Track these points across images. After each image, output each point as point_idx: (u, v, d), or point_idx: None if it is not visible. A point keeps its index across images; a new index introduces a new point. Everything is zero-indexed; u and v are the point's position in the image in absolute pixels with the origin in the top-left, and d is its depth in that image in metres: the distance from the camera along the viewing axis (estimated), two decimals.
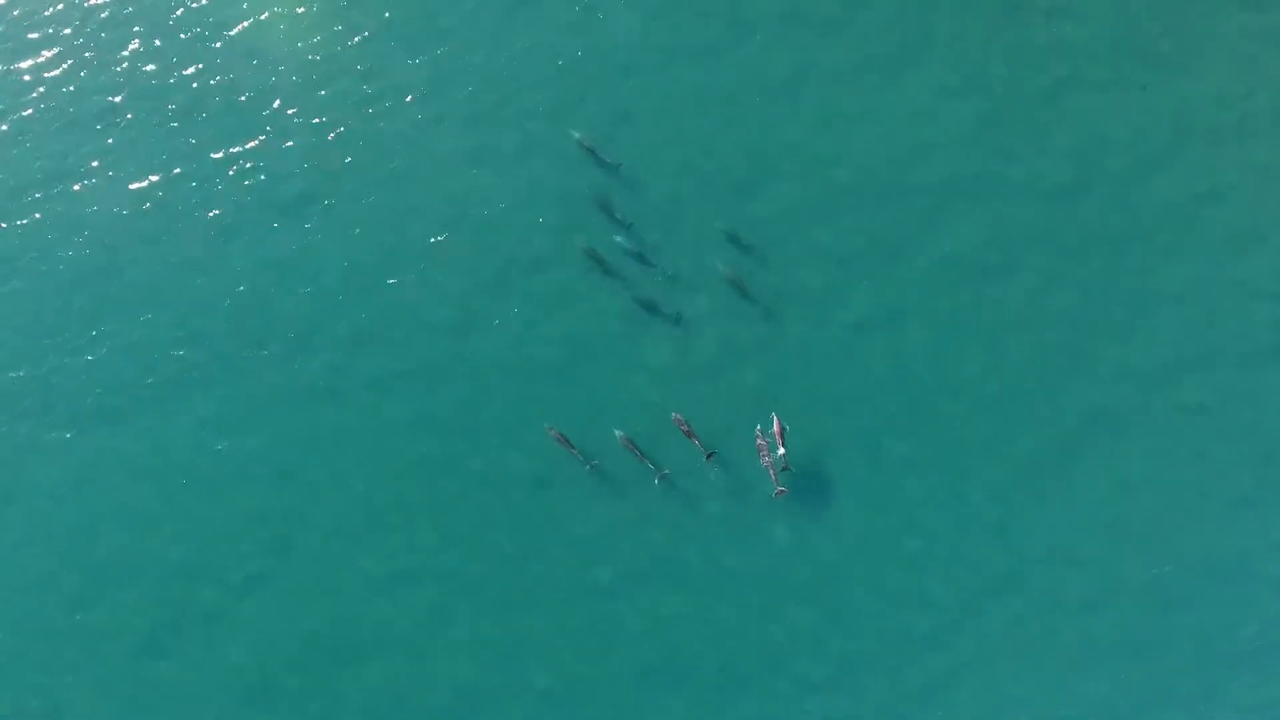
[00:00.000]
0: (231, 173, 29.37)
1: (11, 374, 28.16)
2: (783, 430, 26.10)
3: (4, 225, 29.33)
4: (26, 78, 30.62)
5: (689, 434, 26.17)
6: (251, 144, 29.67)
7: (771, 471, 25.86)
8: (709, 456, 26.17)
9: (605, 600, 25.77)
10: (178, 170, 29.55)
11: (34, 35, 31.03)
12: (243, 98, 30.06)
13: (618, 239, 27.95)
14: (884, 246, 27.73)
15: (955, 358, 26.84)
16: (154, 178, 29.58)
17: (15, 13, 31.31)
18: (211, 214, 29.09)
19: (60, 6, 31.22)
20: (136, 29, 30.91)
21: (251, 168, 29.42)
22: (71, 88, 30.44)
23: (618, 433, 26.45)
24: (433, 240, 28.33)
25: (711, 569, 25.81)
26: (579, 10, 30.30)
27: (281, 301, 28.16)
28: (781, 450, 25.95)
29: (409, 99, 29.77)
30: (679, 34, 29.89)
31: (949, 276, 27.37)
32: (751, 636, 25.38)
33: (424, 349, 27.59)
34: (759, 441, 26.02)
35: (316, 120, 29.68)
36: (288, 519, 26.64)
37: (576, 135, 28.86)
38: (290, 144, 29.60)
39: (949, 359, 26.83)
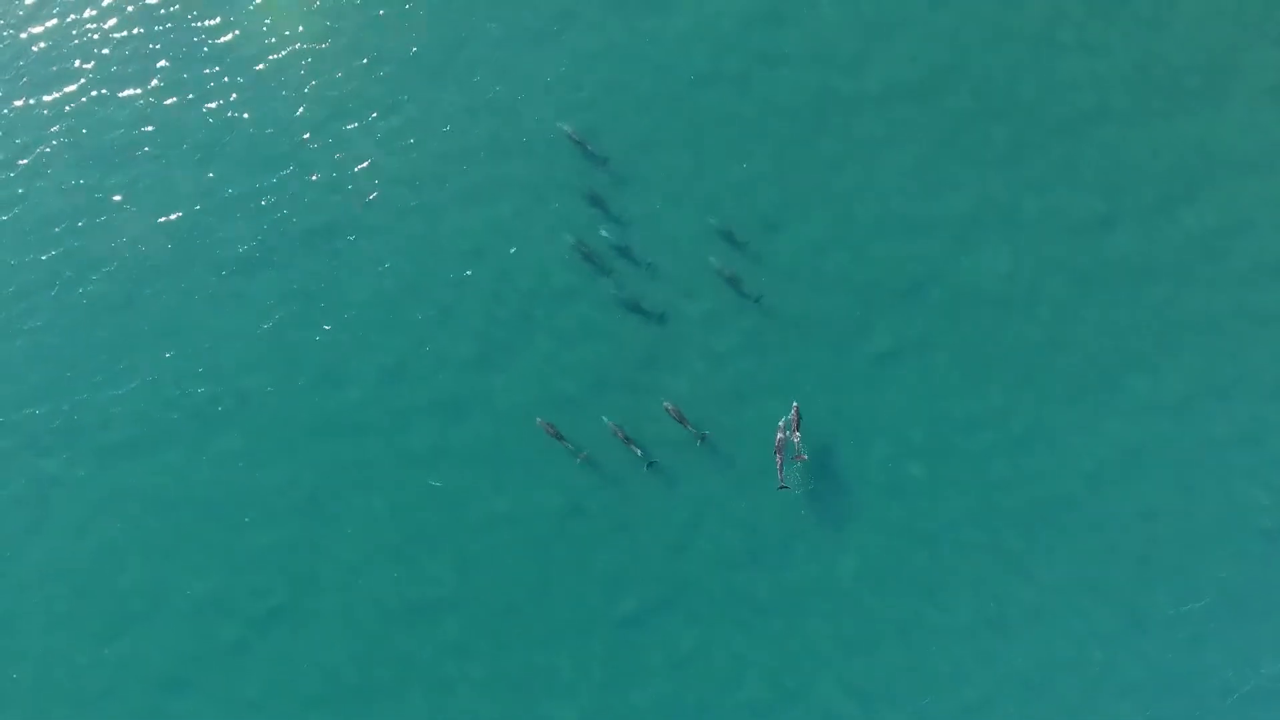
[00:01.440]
0: (254, 206, 29.53)
1: (35, 410, 28.26)
2: (800, 418, 26.25)
3: (27, 259, 29.48)
4: (47, 112, 30.82)
5: (680, 419, 26.44)
6: (274, 178, 29.82)
7: (780, 460, 25.96)
8: (701, 440, 26.40)
9: (628, 631, 25.73)
10: (199, 206, 29.72)
11: (56, 69, 31.28)
12: (267, 131, 30.26)
13: (603, 232, 28.24)
14: (904, 275, 27.85)
15: (975, 387, 26.83)
16: (176, 214, 29.72)
17: (39, 46, 31.59)
18: (236, 249, 29.26)
19: (82, 40, 31.46)
20: (160, 64, 31.12)
21: (274, 202, 29.58)
22: (94, 122, 30.60)
23: (606, 420, 26.67)
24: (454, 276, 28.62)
25: (736, 599, 25.74)
26: (602, 44, 30.43)
27: (304, 336, 28.33)
28: (797, 436, 26.07)
29: (431, 132, 29.94)
30: (705, 65, 29.97)
31: (970, 307, 27.39)
32: (774, 669, 25.33)
33: (447, 382, 27.80)
34: (779, 435, 26.14)
35: (338, 155, 29.91)
36: (310, 552, 26.63)
37: (566, 129, 29.08)
38: (314, 177, 29.82)
39: (968, 388, 26.82)
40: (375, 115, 30.25)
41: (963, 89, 29.17)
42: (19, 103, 30.92)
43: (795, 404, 26.51)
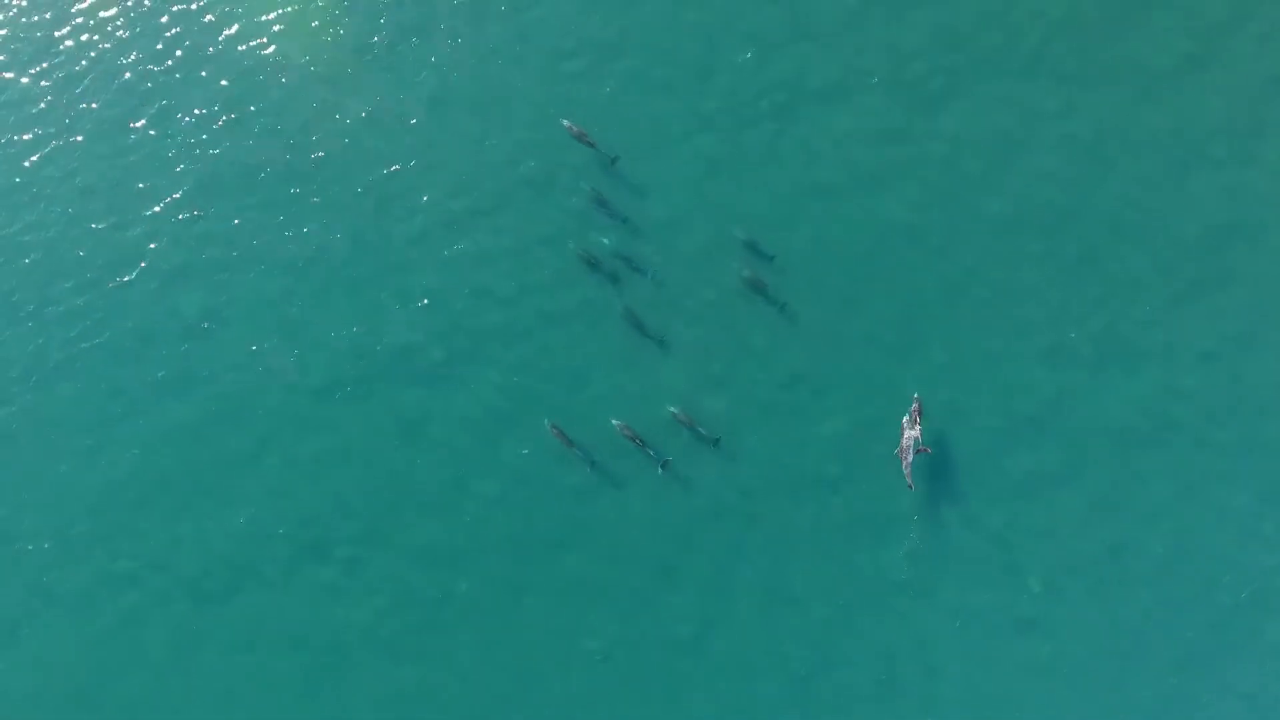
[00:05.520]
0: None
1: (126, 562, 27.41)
2: (920, 410, 25.66)
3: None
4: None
5: (688, 424, 26.18)
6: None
7: (907, 460, 25.30)
8: (715, 442, 26.21)
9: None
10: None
11: (79, 181, 30.71)
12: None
13: (605, 240, 27.97)
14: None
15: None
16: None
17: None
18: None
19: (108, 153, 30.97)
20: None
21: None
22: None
23: (615, 423, 26.40)
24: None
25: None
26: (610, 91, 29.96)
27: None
28: (918, 429, 25.45)
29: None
30: (731, 131, 29.27)
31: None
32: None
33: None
34: (905, 433, 25.49)
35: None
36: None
37: (566, 124, 28.70)
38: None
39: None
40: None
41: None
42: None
43: (916, 396, 25.78)
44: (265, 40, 31.19)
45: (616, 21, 30.35)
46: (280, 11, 31.31)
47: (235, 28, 31.31)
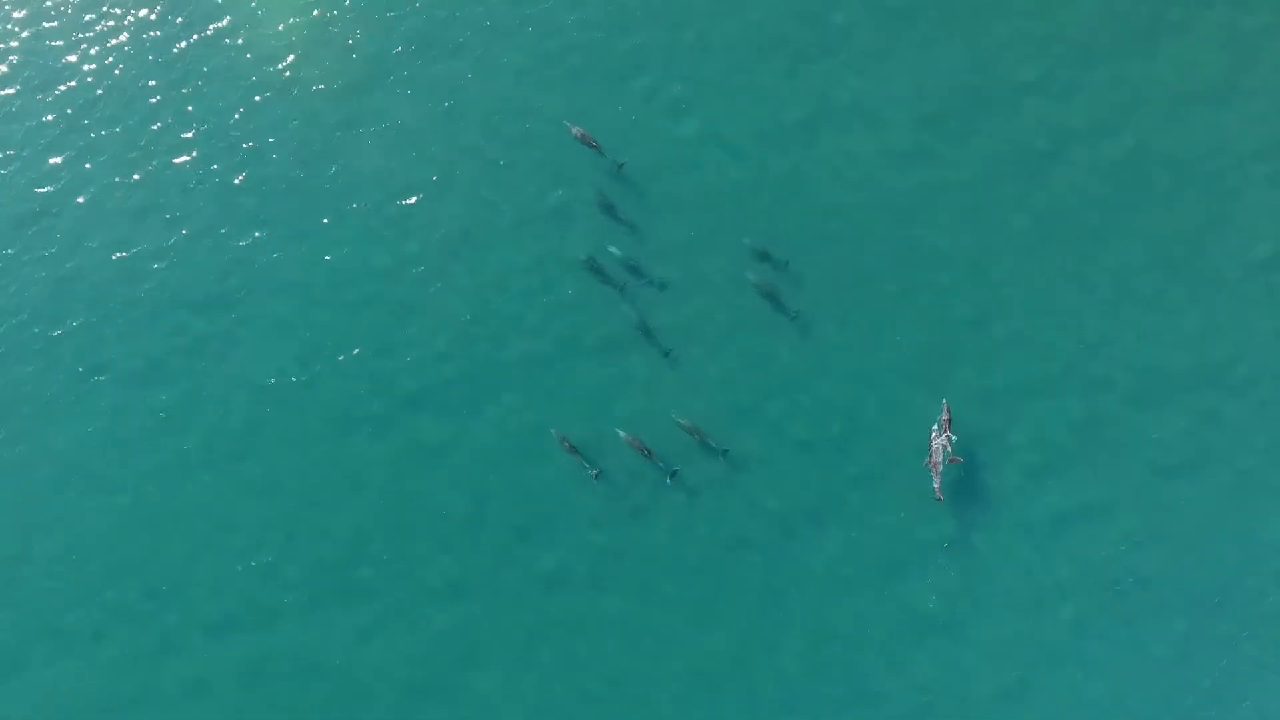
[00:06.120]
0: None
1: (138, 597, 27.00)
2: (950, 418, 25.24)
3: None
4: None
5: (695, 433, 25.87)
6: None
7: (936, 471, 24.90)
8: (724, 453, 25.84)
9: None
10: None
11: (93, 208, 30.44)
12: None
13: (611, 249, 27.70)
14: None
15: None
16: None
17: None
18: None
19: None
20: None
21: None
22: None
23: (621, 433, 26.10)
24: None
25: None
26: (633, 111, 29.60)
27: None
28: (949, 437, 25.03)
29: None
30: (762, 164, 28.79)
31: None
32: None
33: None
34: (934, 442, 25.09)
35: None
36: None
37: (571, 128, 28.45)
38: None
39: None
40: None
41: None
42: None
43: (945, 402, 25.34)
44: (280, 63, 31.00)
45: (637, 36, 30.05)
46: (295, 35, 31.09)
47: (250, 54, 31.16)
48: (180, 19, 31.56)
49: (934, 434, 25.18)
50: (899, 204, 27.73)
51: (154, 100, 30.93)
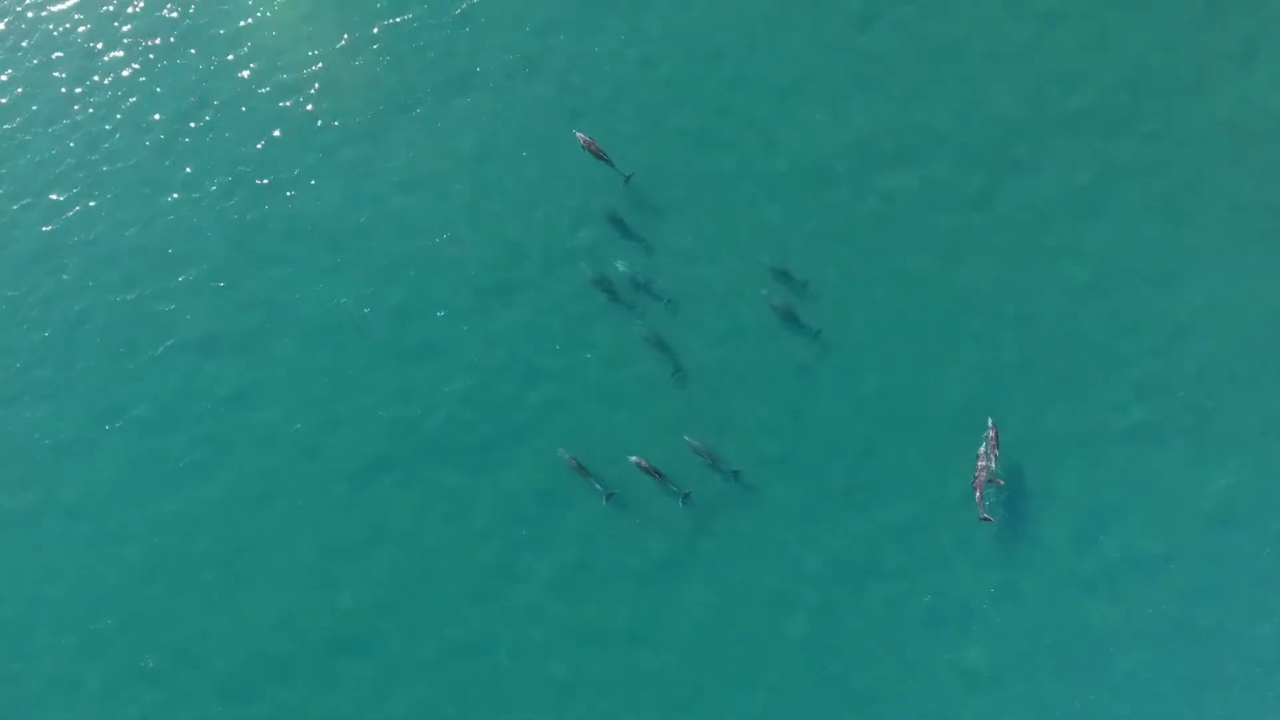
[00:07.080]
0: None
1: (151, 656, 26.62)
2: (998, 437, 24.55)
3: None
4: None
5: (707, 456, 25.25)
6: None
7: (980, 491, 24.22)
8: (736, 474, 25.31)
9: None
10: None
11: (103, 248, 30.17)
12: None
13: (619, 265, 27.29)
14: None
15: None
16: None
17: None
18: None
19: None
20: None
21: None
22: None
23: (632, 458, 25.47)
24: None
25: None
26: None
27: None
28: (994, 460, 24.37)
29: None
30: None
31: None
32: None
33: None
34: (980, 464, 24.39)
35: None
36: None
37: (579, 136, 27.97)
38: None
39: None
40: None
41: None
42: None
43: (991, 421, 24.67)
44: (298, 96, 30.34)
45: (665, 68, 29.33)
46: (314, 69, 30.45)
47: (267, 86, 30.46)
48: (194, 49, 30.86)
49: (980, 455, 24.52)
50: (940, 245, 27.03)
51: (164, 135, 30.27)
